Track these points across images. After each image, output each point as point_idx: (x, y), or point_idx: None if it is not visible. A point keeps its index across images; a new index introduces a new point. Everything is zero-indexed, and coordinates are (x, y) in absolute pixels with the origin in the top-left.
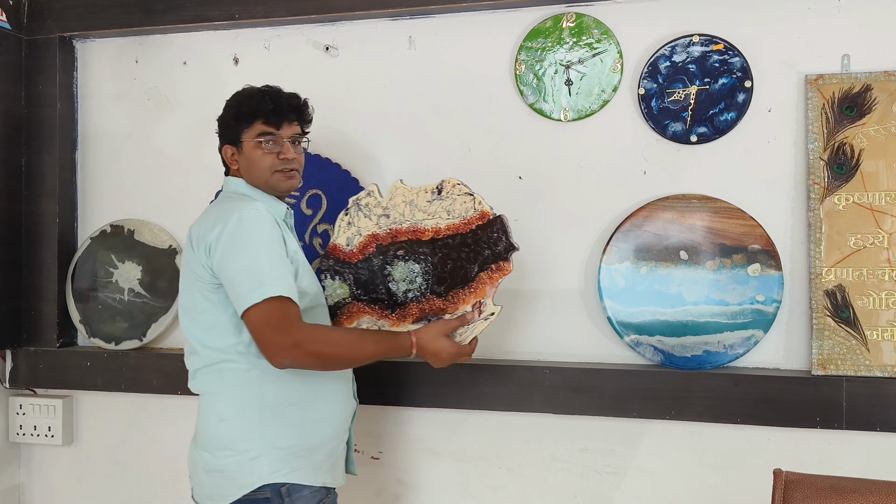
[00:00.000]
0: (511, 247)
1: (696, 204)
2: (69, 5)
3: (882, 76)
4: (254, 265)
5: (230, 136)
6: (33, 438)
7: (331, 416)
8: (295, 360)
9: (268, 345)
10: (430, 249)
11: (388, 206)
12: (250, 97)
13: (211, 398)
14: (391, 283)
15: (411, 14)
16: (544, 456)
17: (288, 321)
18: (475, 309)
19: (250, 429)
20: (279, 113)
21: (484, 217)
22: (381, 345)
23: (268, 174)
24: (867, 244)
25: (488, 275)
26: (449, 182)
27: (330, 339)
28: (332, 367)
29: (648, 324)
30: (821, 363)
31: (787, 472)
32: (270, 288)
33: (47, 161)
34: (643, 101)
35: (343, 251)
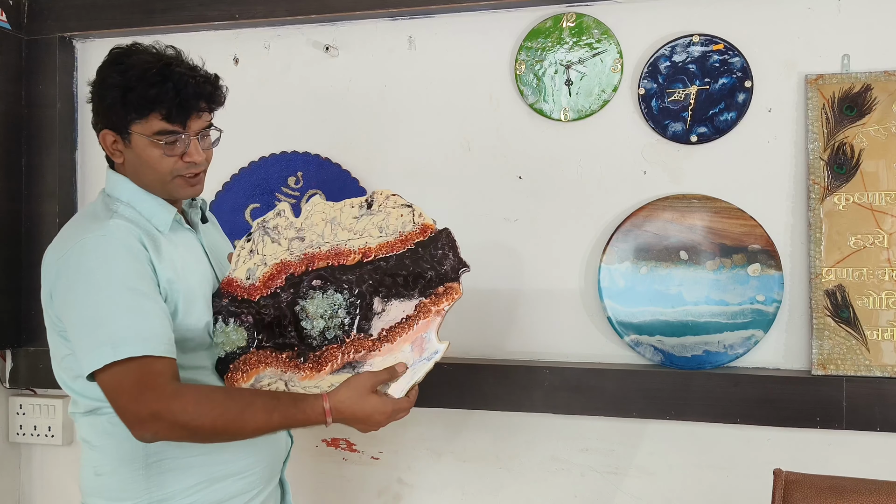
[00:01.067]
0: (460, 265)
1: (697, 204)
2: (69, 5)
3: (882, 76)
4: (93, 317)
5: (113, 120)
6: (33, 438)
7: (246, 465)
8: (157, 434)
9: (123, 415)
10: (357, 276)
11: (304, 227)
12: (144, 79)
13: (87, 447)
14: (304, 322)
15: (411, 14)
16: (544, 456)
17: (144, 386)
18: (415, 349)
19: (133, 485)
20: (186, 106)
21: (426, 231)
22: (278, 414)
23: (165, 179)
24: (867, 244)
25: (432, 301)
26: (381, 193)
27: (201, 409)
28: (211, 441)
29: (648, 324)
30: (821, 363)
31: (788, 472)
32: (113, 350)
33: (47, 161)
34: (643, 101)
35: (241, 286)
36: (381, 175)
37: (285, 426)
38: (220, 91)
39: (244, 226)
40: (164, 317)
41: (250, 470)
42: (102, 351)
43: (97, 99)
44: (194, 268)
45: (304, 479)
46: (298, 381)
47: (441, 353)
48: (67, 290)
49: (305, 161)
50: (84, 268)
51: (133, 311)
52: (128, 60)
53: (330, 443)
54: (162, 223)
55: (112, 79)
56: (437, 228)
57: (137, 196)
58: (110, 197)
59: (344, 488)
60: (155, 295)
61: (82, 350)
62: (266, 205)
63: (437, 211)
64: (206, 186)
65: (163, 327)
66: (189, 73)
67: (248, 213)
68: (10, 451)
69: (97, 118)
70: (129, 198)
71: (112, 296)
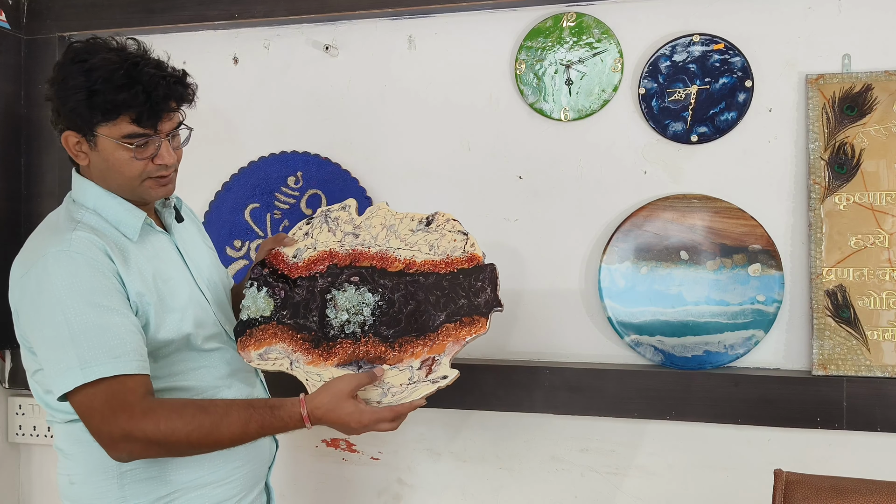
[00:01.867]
0: (495, 302)
1: (697, 204)
2: (69, 5)
3: (883, 76)
4: (59, 338)
5: (77, 122)
6: (33, 439)
7: (226, 473)
8: (132, 453)
9: (98, 436)
10: (394, 283)
11: (362, 226)
12: (110, 81)
13: (62, 456)
14: (329, 310)
15: (411, 14)
16: (544, 456)
17: (115, 407)
18: (424, 367)
19: (105, 493)
20: (156, 109)
21: (473, 261)
22: (254, 423)
23: (135, 183)
24: (868, 244)
25: (455, 328)
26: (443, 216)
27: (173, 425)
28: (187, 455)
29: (649, 324)
30: (821, 363)
31: (788, 472)
32: (81, 372)
33: (47, 161)
34: (643, 101)
35: (286, 262)
36: (381, 175)
37: (263, 434)
38: (190, 89)
39: (244, 226)
40: (134, 331)
41: (231, 477)
42: (72, 373)
43: (58, 99)
44: (168, 275)
45: (304, 479)
46: (304, 363)
47: (448, 381)
48: (32, 310)
49: (305, 161)
50: (47, 286)
51: (101, 328)
52: (91, 59)
53: (330, 443)
54: (130, 230)
55: (75, 80)
56: (485, 262)
57: (104, 201)
58: (75, 203)
59: (344, 488)
60: (124, 309)
61: (51, 372)
62: (266, 205)
63: None
64: (205, 186)
65: (133, 343)
66: (158, 74)
67: (247, 213)
68: (10, 451)
69: (58, 118)
70: (95, 204)
71: (79, 314)
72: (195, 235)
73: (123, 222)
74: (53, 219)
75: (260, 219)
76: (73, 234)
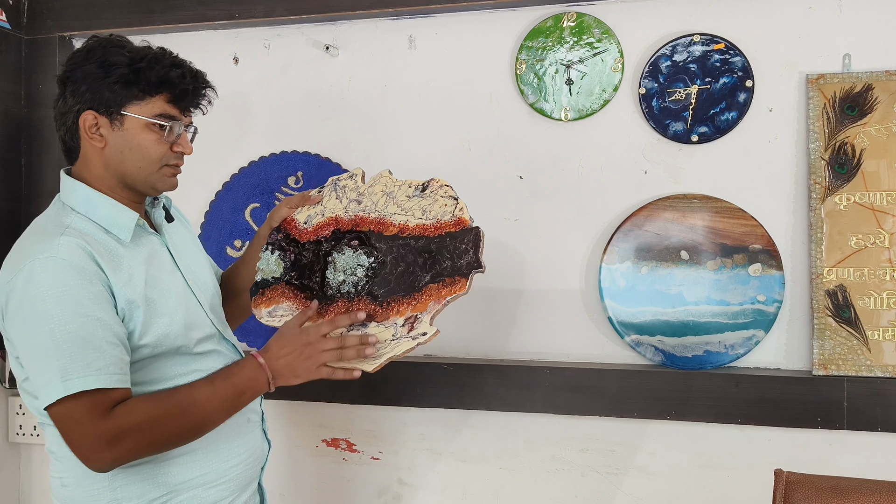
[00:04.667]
0: (476, 264)
1: (697, 204)
2: (69, 5)
3: (883, 76)
4: (43, 350)
5: (104, 99)
6: (33, 438)
7: (218, 474)
8: (118, 459)
9: (76, 447)
10: (388, 246)
11: (365, 193)
12: (157, 60)
13: (54, 459)
14: (329, 272)
15: (411, 14)
16: (545, 456)
17: (95, 416)
18: (407, 324)
19: (96, 496)
20: (195, 95)
21: (459, 225)
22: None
23: (154, 167)
24: (868, 244)
25: (437, 288)
26: (437, 181)
27: (153, 415)
28: (177, 446)
29: (649, 324)
30: (822, 363)
31: (788, 472)
32: (63, 385)
33: (47, 161)
34: (644, 101)
35: (297, 228)
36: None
37: (234, 394)
38: (214, 95)
39: (244, 226)
40: (116, 343)
41: (224, 478)
42: (54, 386)
43: (86, 79)
44: (159, 279)
45: (304, 479)
46: None
47: (427, 337)
48: (17, 318)
49: (305, 161)
50: (33, 294)
51: (84, 340)
52: (129, 45)
53: (330, 443)
54: (123, 231)
55: (117, 57)
56: (471, 225)
57: (95, 202)
58: (65, 206)
59: (344, 488)
60: (108, 319)
61: (36, 383)
62: (266, 205)
63: None
64: (206, 186)
65: (114, 356)
66: (195, 69)
67: (248, 213)
68: (10, 451)
69: (77, 100)
70: (86, 206)
71: (63, 324)
72: (185, 236)
73: (116, 223)
74: (41, 222)
75: (260, 219)
76: (61, 238)
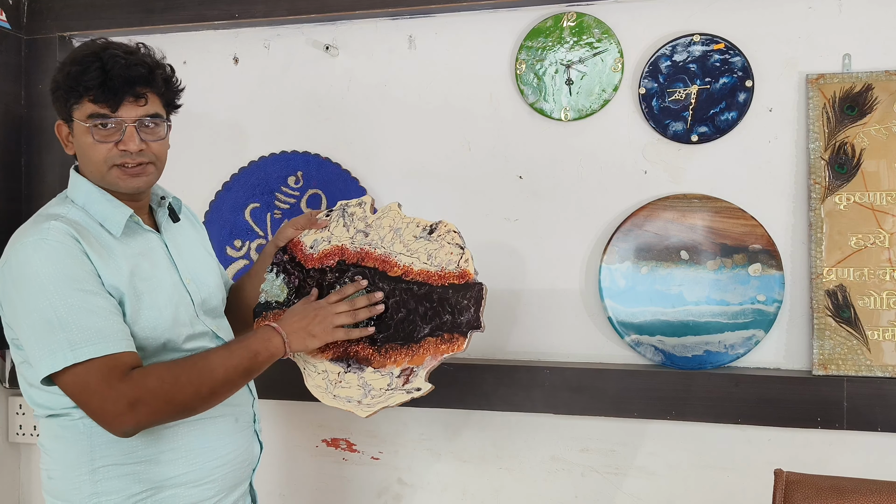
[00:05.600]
0: (475, 323)
1: (697, 204)
2: (69, 5)
3: (883, 76)
4: (52, 320)
5: (61, 109)
6: (33, 438)
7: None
8: (139, 422)
9: (97, 415)
10: (391, 288)
11: (372, 225)
12: (76, 61)
13: (42, 452)
14: None
15: (411, 14)
16: (545, 456)
17: (113, 381)
18: (403, 375)
19: (79, 489)
20: (112, 87)
21: (464, 277)
22: (237, 351)
23: (102, 169)
24: (868, 244)
25: (436, 343)
26: (445, 226)
27: (173, 378)
28: (196, 411)
29: (649, 324)
30: (822, 363)
31: (788, 472)
32: (71, 352)
33: (47, 161)
34: (644, 101)
35: (303, 252)
36: (381, 175)
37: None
38: (157, 75)
39: (244, 226)
40: (116, 313)
41: (210, 477)
42: (62, 354)
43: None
44: (149, 273)
45: (304, 479)
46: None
47: (422, 393)
48: (15, 298)
49: (305, 161)
50: (28, 273)
51: (86, 310)
52: (80, 52)
53: (330, 443)
54: (115, 226)
55: (64, 66)
56: (474, 280)
57: (93, 197)
58: (66, 199)
59: (344, 488)
60: (103, 291)
61: (38, 355)
62: (266, 205)
63: (437, 211)
64: (206, 186)
65: (118, 323)
66: (122, 56)
67: (247, 213)
68: (10, 451)
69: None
70: (85, 200)
71: (63, 298)
72: (192, 238)
73: (108, 218)
74: (39, 212)
75: (260, 219)
76: (50, 223)
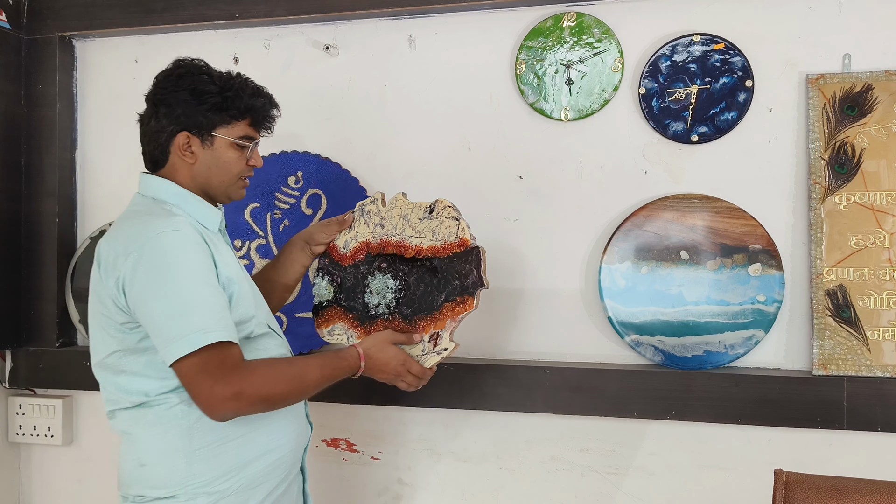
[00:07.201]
0: (479, 282)
1: (697, 204)
2: (69, 5)
3: (883, 76)
4: (181, 306)
5: (198, 123)
6: (33, 438)
7: (273, 449)
8: (238, 411)
9: (203, 398)
10: (409, 268)
11: (386, 217)
12: (243, 89)
13: (129, 440)
14: (367, 295)
15: (411, 14)
16: (545, 456)
17: (226, 368)
18: (432, 340)
19: (175, 472)
20: (268, 119)
21: (462, 245)
22: (328, 369)
23: (233, 180)
24: (868, 244)
25: (452, 307)
26: (441, 203)
27: (275, 377)
28: (279, 407)
29: (649, 324)
30: (822, 363)
31: (788, 472)
32: (204, 335)
33: (47, 161)
34: (644, 101)
35: (339, 253)
36: (382, 175)
37: (332, 376)
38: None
39: (244, 226)
40: (228, 307)
41: (282, 451)
42: (196, 336)
43: (180, 104)
44: (239, 270)
45: None
46: (355, 338)
47: (448, 352)
48: (150, 282)
49: (305, 161)
50: (165, 261)
51: (211, 302)
52: (213, 72)
53: (330, 443)
54: (211, 223)
55: (207, 86)
56: (472, 245)
57: (187, 199)
58: (154, 200)
59: (344, 488)
60: (219, 285)
61: (169, 337)
62: (266, 205)
63: None
64: None
65: (229, 317)
66: (272, 98)
67: (247, 213)
68: (10, 451)
69: (171, 122)
70: (178, 201)
71: (194, 288)
72: None
73: (205, 217)
74: (141, 208)
75: (260, 218)
76: (177, 218)
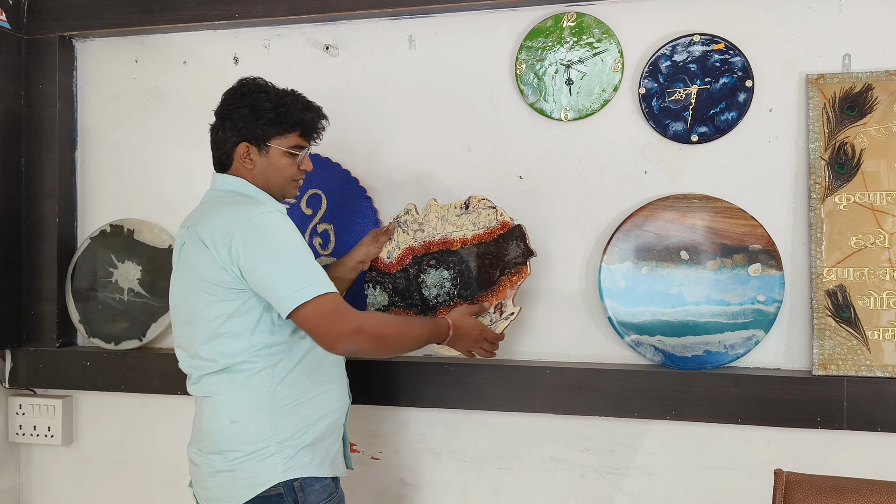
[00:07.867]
0: (528, 252)
1: (697, 204)
2: (69, 5)
3: (883, 76)
4: (294, 266)
5: (256, 135)
6: (33, 438)
7: (331, 411)
8: (358, 345)
9: (328, 335)
10: (458, 258)
11: (423, 222)
12: (295, 107)
13: (220, 400)
14: (424, 290)
15: (411, 14)
16: (545, 456)
17: (343, 310)
18: (497, 310)
19: (263, 428)
20: (317, 130)
21: (505, 227)
22: (426, 327)
23: (287, 182)
24: (868, 244)
25: (508, 278)
26: (475, 198)
27: (386, 321)
28: (388, 352)
29: (649, 324)
30: (822, 363)
31: (788, 472)
32: (316, 286)
33: (47, 161)
34: (644, 101)
35: (384, 263)
36: (382, 175)
37: (430, 337)
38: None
39: None
40: None
41: (333, 413)
42: (315, 286)
43: (241, 119)
44: None
45: None
46: None
47: (515, 315)
48: (258, 249)
49: None
50: (271, 232)
51: (313, 263)
52: (271, 89)
53: None
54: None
55: (264, 103)
56: (513, 224)
57: (258, 193)
58: (233, 192)
59: (345, 488)
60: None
61: (287, 291)
62: None
63: None
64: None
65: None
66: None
67: None
68: (10, 451)
69: (234, 134)
70: (252, 193)
71: (297, 252)
72: None
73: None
74: (228, 199)
75: None
76: (269, 203)
